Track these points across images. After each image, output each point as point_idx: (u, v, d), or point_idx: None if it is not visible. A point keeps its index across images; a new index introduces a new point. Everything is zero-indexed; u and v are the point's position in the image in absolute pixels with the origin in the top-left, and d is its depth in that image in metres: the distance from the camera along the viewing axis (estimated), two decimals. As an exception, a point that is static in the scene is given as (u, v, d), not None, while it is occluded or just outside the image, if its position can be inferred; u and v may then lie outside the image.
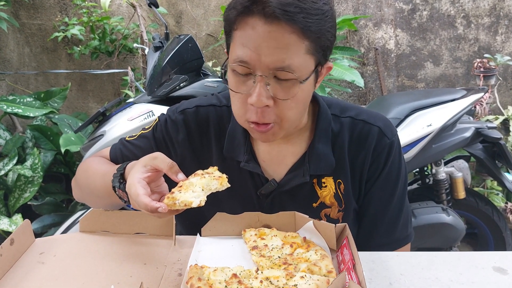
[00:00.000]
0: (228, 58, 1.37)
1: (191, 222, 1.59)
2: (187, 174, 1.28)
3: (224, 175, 1.25)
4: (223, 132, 1.59)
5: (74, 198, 1.79)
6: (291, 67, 1.26)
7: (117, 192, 1.40)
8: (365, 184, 1.57)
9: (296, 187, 1.54)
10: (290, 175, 1.54)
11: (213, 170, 1.28)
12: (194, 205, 1.16)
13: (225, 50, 1.42)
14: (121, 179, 1.39)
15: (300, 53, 1.26)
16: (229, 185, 1.24)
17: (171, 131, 1.62)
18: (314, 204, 1.56)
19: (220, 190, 1.23)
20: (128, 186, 1.27)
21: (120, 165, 1.45)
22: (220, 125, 1.60)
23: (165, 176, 1.31)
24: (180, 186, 1.22)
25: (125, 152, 1.66)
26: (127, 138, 1.70)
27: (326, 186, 1.55)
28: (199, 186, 1.20)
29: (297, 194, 1.55)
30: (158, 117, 1.68)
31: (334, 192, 1.55)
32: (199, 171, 1.27)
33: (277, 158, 1.56)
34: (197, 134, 1.61)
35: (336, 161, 1.53)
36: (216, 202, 1.53)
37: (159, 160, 1.27)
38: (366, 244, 1.56)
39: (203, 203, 1.17)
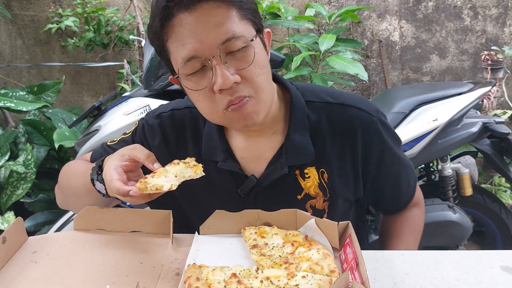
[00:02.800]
0: (175, 75, 1.40)
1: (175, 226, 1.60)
2: None
3: (200, 165, 1.29)
4: (199, 134, 1.61)
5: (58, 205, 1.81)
6: (236, 34, 1.30)
7: (95, 185, 1.43)
8: (366, 168, 1.60)
9: (278, 181, 1.54)
10: (269, 169, 1.55)
11: (190, 160, 1.31)
12: (165, 188, 1.20)
13: (170, 75, 1.48)
14: (99, 170, 1.44)
15: (235, 21, 1.31)
16: (203, 174, 1.28)
17: (148, 136, 1.66)
18: (299, 196, 1.56)
19: (194, 178, 1.27)
20: (105, 173, 1.34)
21: (99, 159, 1.50)
22: (196, 128, 1.62)
23: (144, 169, 1.36)
24: (155, 173, 1.27)
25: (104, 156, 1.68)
26: (108, 143, 1.75)
27: (309, 177, 1.56)
28: (172, 173, 1.25)
29: (280, 188, 1.56)
30: (138, 121, 1.73)
31: (318, 182, 1.56)
32: (176, 160, 1.31)
33: (255, 154, 1.57)
34: (173, 138, 1.64)
35: (317, 150, 1.54)
36: (198, 204, 1.56)
37: (137, 150, 1.35)
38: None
39: (174, 188, 1.21)
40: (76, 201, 1.68)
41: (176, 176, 1.24)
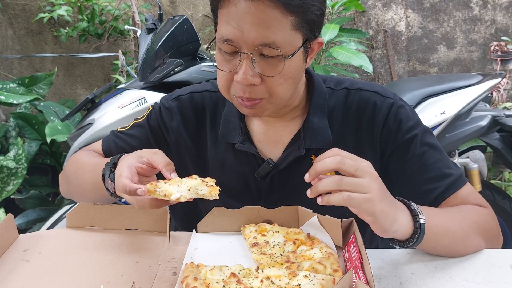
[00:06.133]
0: (215, 36, 1.42)
1: (185, 214, 1.59)
2: (182, 160, 1.31)
3: (217, 188, 1.25)
4: (217, 117, 1.64)
5: (60, 193, 1.81)
6: (276, 43, 1.30)
7: (105, 182, 1.42)
8: (385, 154, 1.55)
9: (294, 165, 1.55)
10: (286, 152, 1.57)
11: (209, 180, 1.28)
12: (174, 197, 1.18)
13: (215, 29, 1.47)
14: (112, 168, 1.41)
15: (285, 29, 1.30)
16: (218, 198, 1.24)
17: (166, 119, 1.67)
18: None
19: (207, 198, 1.23)
20: (117, 168, 1.33)
21: (116, 155, 1.46)
22: (215, 111, 1.65)
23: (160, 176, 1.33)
24: (169, 180, 1.25)
25: (119, 143, 1.69)
26: (119, 130, 1.74)
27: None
28: (187, 185, 1.22)
29: (297, 173, 1.55)
30: (152, 105, 1.73)
31: None
32: (195, 176, 1.29)
33: (273, 138, 1.59)
34: (192, 120, 1.66)
35: (334, 136, 1.55)
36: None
37: (158, 156, 1.33)
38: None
39: (183, 200, 1.19)
40: (81, 194, 1.69)
41: (189, 190, 1.22)
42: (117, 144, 1.70)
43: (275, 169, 1.56)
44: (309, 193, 1.20)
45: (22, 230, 3.51)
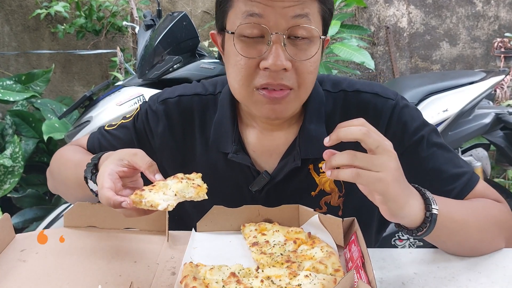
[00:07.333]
0: (224, 31, 1.39)
1: (178, 216, 1.57)
2: (167, 167, 1.28)
3: (204, 185, 1.23)
4: (208, 122, 1.58)
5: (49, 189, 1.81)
6: (309, 18, 1.28)
7: (88, 184, 1.39)
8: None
9: (291, 176, 1.51)
10: (281, 163, 1.51)
11: (196, 177, 1.25)
12: (160, 208, 1.14)
13: (215, 30, 1.48)
14: (94, 169, 1.38)
15: (315, 9, 1.30)
16: (206, 197, 1.21)
17: (151, 122, 1.62)
18: (313, 193, 1.53)
19: (195, 200, 1.21)
20: (98, 176, 1.26)
21: (95, 155, 1.43)
22: (205, 115, 1.59)
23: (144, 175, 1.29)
24: (154, 186, 1.21)
25: (103, 143, 1.66)
26: (106, 127, 1.71)
27: (324, 172, 1.50)
28: (172, 190, 1.19)
29: (293, 184, 1.52)
30: (140, 105, 1.68)
31: None
32: (180, 175, 1.25)
33: (268, 148, 1.53)
34: (179, 125, 1.60)
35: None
36: (202, 202, 1.52)
37: (139, 157, 1.26)
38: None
39: (170, 208, 1.15)
40: (66, 191, 1.68)
41: (175, 195, 1.18)
42: (101, 143, 1.66)
43: (271, 182, 1.51)
44: (324, 166, 1.16)
45: (18, 229, 3.51)
